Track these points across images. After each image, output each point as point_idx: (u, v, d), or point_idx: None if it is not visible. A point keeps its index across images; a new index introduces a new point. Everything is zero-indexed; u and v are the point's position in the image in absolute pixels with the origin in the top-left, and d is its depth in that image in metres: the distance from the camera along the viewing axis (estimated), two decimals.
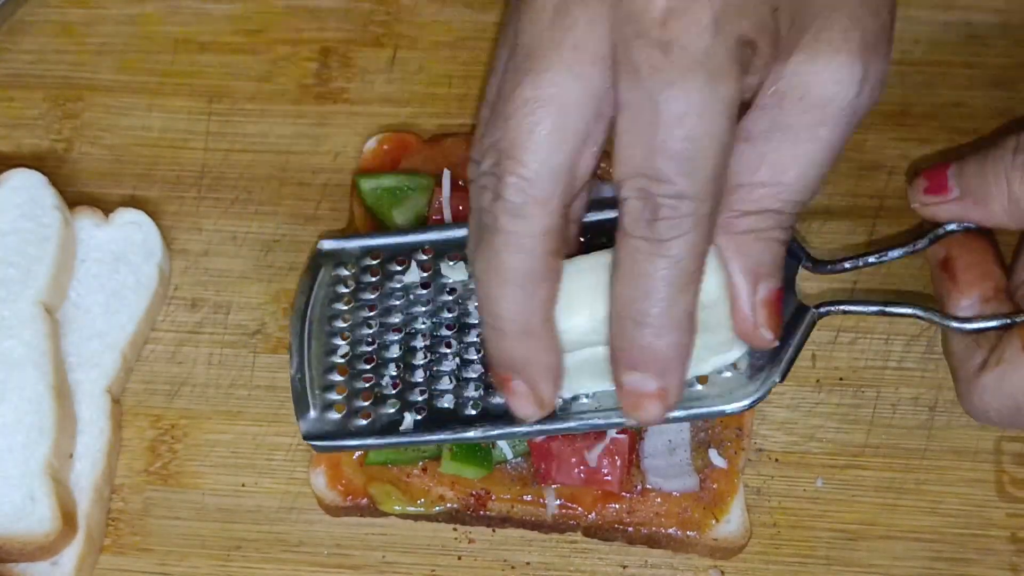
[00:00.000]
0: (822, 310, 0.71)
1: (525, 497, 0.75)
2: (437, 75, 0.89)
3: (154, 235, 0.83)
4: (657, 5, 0.56)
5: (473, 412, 0.70)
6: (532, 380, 0.63)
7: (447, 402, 0.71)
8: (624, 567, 0.77)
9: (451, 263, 0.74)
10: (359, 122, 0.88)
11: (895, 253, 0.73)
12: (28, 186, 0.82)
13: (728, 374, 0.69)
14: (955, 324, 0.70)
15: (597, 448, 0.73)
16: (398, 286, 0.75)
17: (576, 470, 0.74)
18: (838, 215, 0.83)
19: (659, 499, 0.75)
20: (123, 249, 0.83)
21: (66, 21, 0.92)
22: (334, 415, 0.71)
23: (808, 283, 0.80)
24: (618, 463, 0.74)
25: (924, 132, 0.85)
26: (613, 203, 0.61)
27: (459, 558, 0.78)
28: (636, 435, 0.75)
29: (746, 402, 0.68)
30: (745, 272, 0.63)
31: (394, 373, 0.72)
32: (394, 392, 0.72)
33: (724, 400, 0.68)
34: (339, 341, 0.74)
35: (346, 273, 0.76)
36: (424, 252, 0.75)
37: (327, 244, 0.77)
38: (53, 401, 0.77)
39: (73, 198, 0.84)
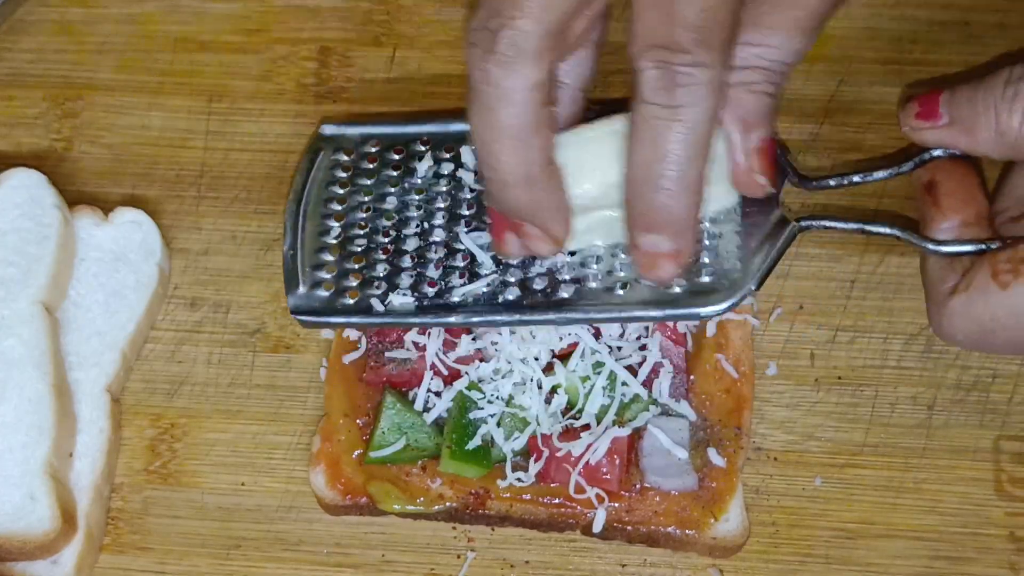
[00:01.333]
0: (803, 223, 0.72)
1: (524, 496, 0.75)
2: (436, 74, 0.89)
3: (154, 234, 0.83)
4: None
5: (456, 300, 0.72)
6: (542, 222, 0.67)
7: (433, 288, 0.73)
8: (623, 566, 0.77)
9: (447, 155, 0.77)
10: None
11: (880, 174, 0.75)
12: (28, 185, 0.82)
13: (706, 279, 0.70)
14: (932, 246, 0.72)
15: (598, 448, 0.74)
16: (394, 174, 0.77)
17: (575, 469, 0.74)
18: (833, 211, 0.83)
19: (658, 498, 0.75)
20: (123, 248, 0.83)
21: (66, 20, 0.92)
22: (322, 293, 0.74)
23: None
24: (617, 462, 0.74)
25: None
26: None
27: (458, 556, 0.78)
28: (636, 434, 0.75)
29: (722, 306, 0.70)
30: (737, 121, 0.67)
31: (384, 257, 0.74)
32: (382, 275, 0.74)
33: (700, 303, 0.70)
34: (333, 223, 0.76)
35: (345, 158, 0.78)
36: (422, 143, 0.78)
37: (328, 129, 0.80)
38: (53, 400, 0.77)
39: (73, 197, 0.84)
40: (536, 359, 0.75)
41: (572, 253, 0.72)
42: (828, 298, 0.81)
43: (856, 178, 0.75)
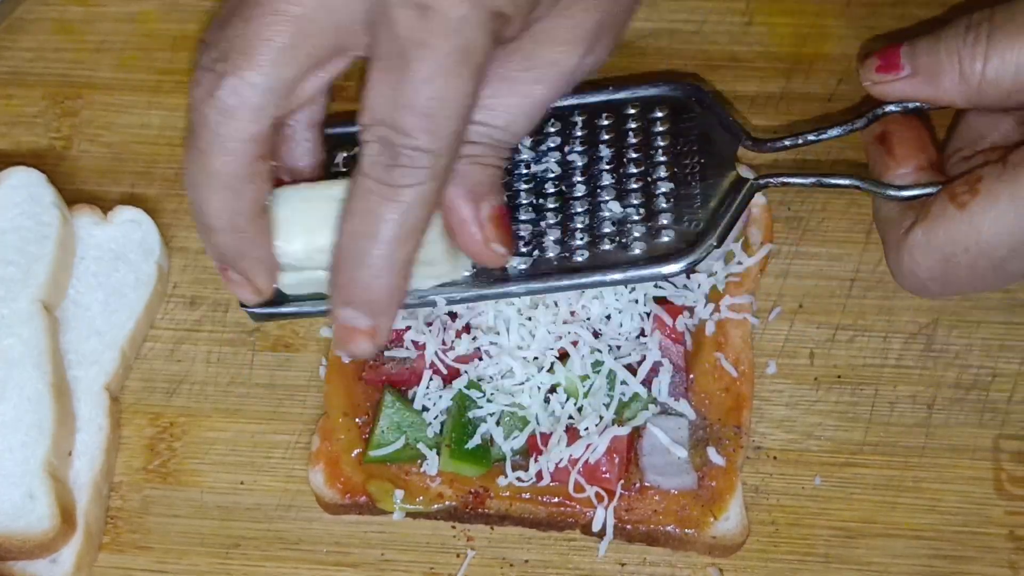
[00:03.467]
0: (761, 181, 0.73)
1: (523, 495, 0.75)
2: None
3: (153, 233, 0.83)
4: None
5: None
6: (244, 271, 0.67)
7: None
8: (623, 565, 0.77)
9: None
10: None
11: (834, 131, 0.75)
12: (27, 184, 0.82)
13: (666, 239, 0.72)
14: (891, 192, 0.72)
15: (598, 447, 0.74)
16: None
17: (575, 468, 0.74)
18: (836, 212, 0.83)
19: (657, 497, 0.75)
20: (122, 247, 0.83)
21: (65, 19, 0.92)
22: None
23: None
24: (616, 461, 0.74)
25: None
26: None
27: (458, 555, 0.78)
28: (635, 433, 0.75)
29: (683, 262, 0.71)
30: (466, 195, 0.66)
31: None
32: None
33: (661, 263, 0.71)
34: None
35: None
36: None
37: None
38: (52, 399, 0.77)
39: (72, 196, 0.84)
40: (536, 358, 0.75)
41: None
42: (828, 297, 0.81)
43: (811, 136, 0.76)
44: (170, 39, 0.91)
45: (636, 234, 0.73)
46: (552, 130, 0.77)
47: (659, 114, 0.77)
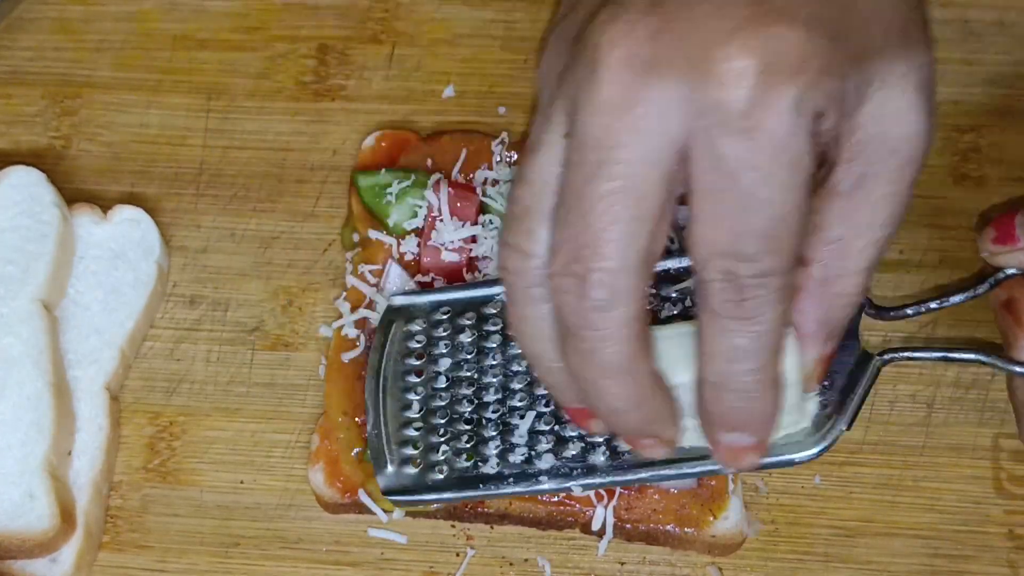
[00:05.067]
0: (886, 357, 0.71)
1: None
2: (435, 72, 0.89)
3: (152, 232, 0.83)
4: (740, 96, 0.55)
5: (547, 465, 0.71)
6: (656, 432, 0.65)
7: (520, 454, 0.72)
8: (622, 564, 0.77)
9: None
10: (357, 119, 0.88)
11: (956, 298, 0.73)
12: (26, 183, 0.82)
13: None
14: (1019, 369, 0.71)
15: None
16: (468, 340, 0.75)
17: None
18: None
19: (657, 496, 0.75)
20: (122, 246, 0.83)
21: (64, 18, 0.92)
22: (411, 470, 0.73)
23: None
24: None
25: None
26: None
27: (457, 555, 0.78)
28: None
29: (814, 451, 0.68)
30: (821, 332, 0.64)
31: (468, 428, 0.73)
32: (468, 446, 0.73)
33: (792, 449, 0.69)
34: (413, 396, 0.74)
35: (417, 328, 0.76)
36: (493, 305, 0.75)
37: (398, 300, 0.77)
38: (52, 398, 0.77)
39: (71, 195, 0.84)
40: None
41: None
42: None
43: (933, 304, 0.74)
44: (170, 38, 0.91)
45: None
46: (673, 295, 0.74)
47: None
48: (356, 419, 0.77)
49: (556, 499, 0.75)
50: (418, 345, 0.76)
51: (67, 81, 0.90)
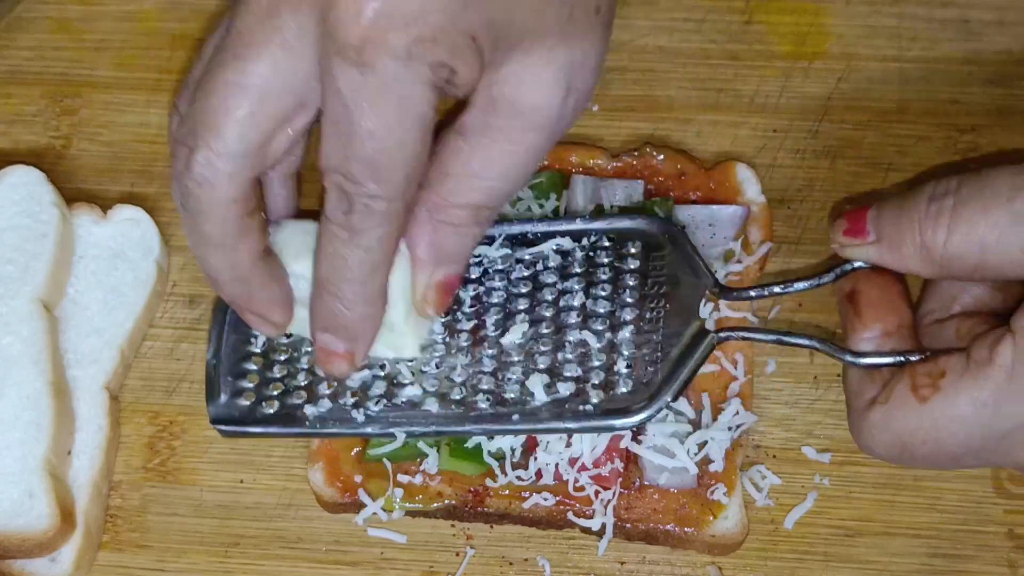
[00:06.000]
0: (721, 335, 0.72)
1: (523, 494, 0.75)
2: None
3: (152, 231, 0.83)
4: (354, 32, 0.61)
5: (375, 410, 0.72)
6: (259, 311, 0.71)
7: (350, 398, 0.73)
8: (622, 563, 0.77)
9: None
10: None
11: (801, 285, 0.74)
12: (26, 183, 0.82)
13: (623, 390, 0.71)
14: (849, 358, 0.71)
15: (597, 446, 0.74)
16: None
17: (574, 467, 0.74)
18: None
19: (657, 495, 0.75)
20: (121, 245, 0.83)
21: (64, 18, 0.92)
22: (243, 402, 0.74)
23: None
24: (616, 459, 0.74)
25: (922, 129, 0.85)
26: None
27: (457, 554, 0.78)
28: (635, 432, 0.75)
29: (636, 418, 0.70)
30: (430, 257, 0.69)
31: (305, 367, 0.74)
32: (303, 384, 0.74)
33: (616, 416, 0.70)
34: (255, 332, 0.75)
35: None
36: None
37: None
38: (51, 398, 0.77)
39: (71, 195, 0.84)
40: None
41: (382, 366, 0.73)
42: (827, 295, 0.81)
43: (777, 288, 0.74)
44: (169, 38, 0.91)
45: (596, 381, 0.71)
46: (527, 257, 0.76)
47: (632, 250, 0.75)
48: None
49: (557, 499, 0.75)
50: None
51: (67, 81, 0.90)
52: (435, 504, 0.76)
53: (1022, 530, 0.77)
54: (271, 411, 0.73)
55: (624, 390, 0.71)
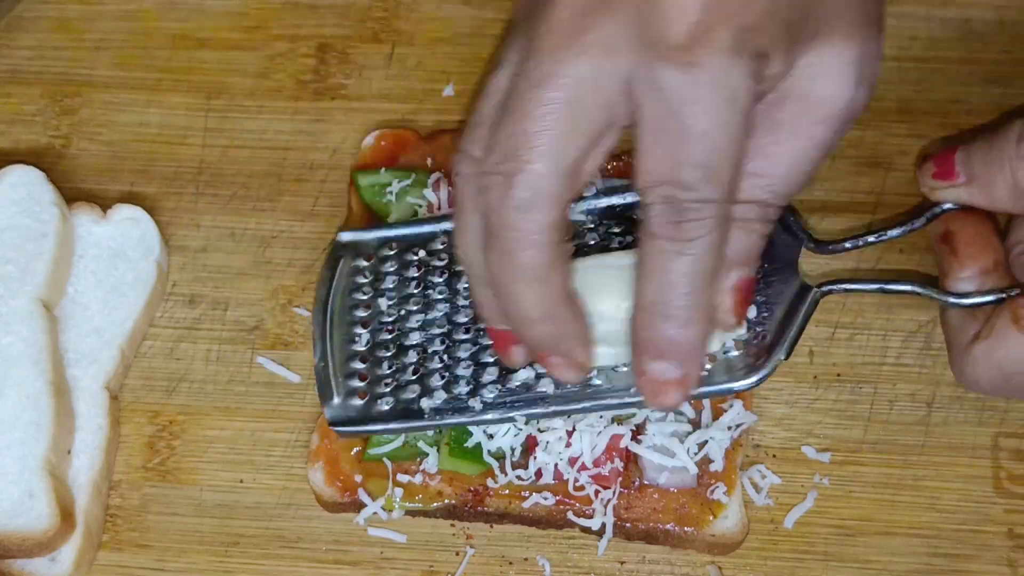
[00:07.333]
0: (824, 288, 0.72)
1: (523, 493, 0.75)
2: (435, 71, 0.89)
3: (152, 231, 0.83)
4: (680, 30, 0.59)
5: (490, 397, 0.72)
6: (566, 352, 0.67)
7: (465, 387, 0.73)
8: (622, 563, 0.77)
9: None
10: (357, 118, 0.88)
11: (894, 232, 0.75)
12: (26, 182, 0.82)
13: (735, 353, 0.71)
14: (952, 300, 0.72)
15: (597, 446, 0.74)
16: (416, 275, 0.77)
17: (574, 466, 0.74)
18: (836, 210, 0.83)
19: (656, 495, 0.75)
20: (121, 245, 0.83)
21: (64, 17, 0.92)
22: (357, 401, 0.74)
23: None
24: (616, 459, 0.74)
25: (922, 128, 0.85)
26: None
27: (457, 554, 0.78)
28: (635, 431, 0.75)
29: (753, 379, 0.70)
30: (734, 259, 0.66)
31: (414, 360, 0.74)
32: (414, 378, 0.74)
33: (732, 378, 0.70)
34: (360, 330, 0.76)
35: (365, 264, 0.78)
36: (440, 241, 0.77)
37: (346, 236, 0.79)
38: (51, 397, 0.77)
39: (71, 194, 0.84)
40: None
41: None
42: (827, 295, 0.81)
43: (871, 238, 0.75)
44: (169, 37, 0.91)
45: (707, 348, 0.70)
46: (617, 230, 0.76)
47: None
48: None
49: (556, 498, 0.75)
50: (365, 280, 0.77)
51: (67, 80, 0.90)
52: (435, 504, 0.76)
53: (1022, 530, 0.77)
54: (387, 408, 0.73)
55: (734, 353, 0.71)
